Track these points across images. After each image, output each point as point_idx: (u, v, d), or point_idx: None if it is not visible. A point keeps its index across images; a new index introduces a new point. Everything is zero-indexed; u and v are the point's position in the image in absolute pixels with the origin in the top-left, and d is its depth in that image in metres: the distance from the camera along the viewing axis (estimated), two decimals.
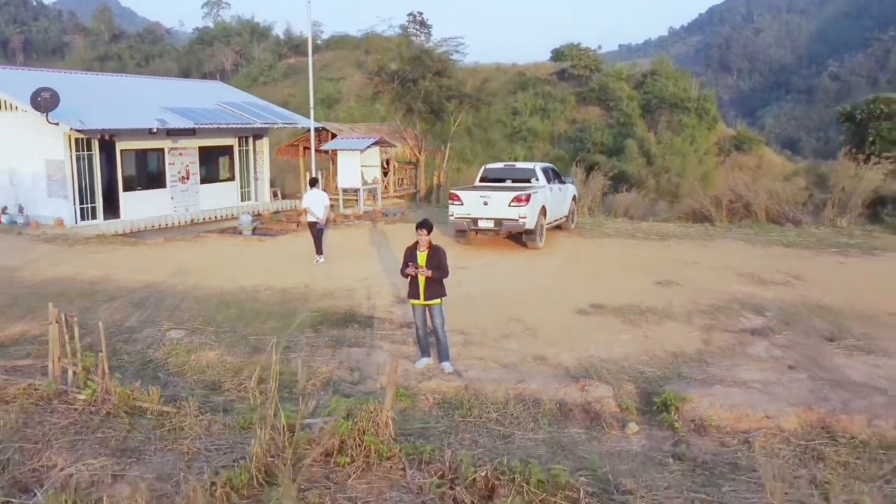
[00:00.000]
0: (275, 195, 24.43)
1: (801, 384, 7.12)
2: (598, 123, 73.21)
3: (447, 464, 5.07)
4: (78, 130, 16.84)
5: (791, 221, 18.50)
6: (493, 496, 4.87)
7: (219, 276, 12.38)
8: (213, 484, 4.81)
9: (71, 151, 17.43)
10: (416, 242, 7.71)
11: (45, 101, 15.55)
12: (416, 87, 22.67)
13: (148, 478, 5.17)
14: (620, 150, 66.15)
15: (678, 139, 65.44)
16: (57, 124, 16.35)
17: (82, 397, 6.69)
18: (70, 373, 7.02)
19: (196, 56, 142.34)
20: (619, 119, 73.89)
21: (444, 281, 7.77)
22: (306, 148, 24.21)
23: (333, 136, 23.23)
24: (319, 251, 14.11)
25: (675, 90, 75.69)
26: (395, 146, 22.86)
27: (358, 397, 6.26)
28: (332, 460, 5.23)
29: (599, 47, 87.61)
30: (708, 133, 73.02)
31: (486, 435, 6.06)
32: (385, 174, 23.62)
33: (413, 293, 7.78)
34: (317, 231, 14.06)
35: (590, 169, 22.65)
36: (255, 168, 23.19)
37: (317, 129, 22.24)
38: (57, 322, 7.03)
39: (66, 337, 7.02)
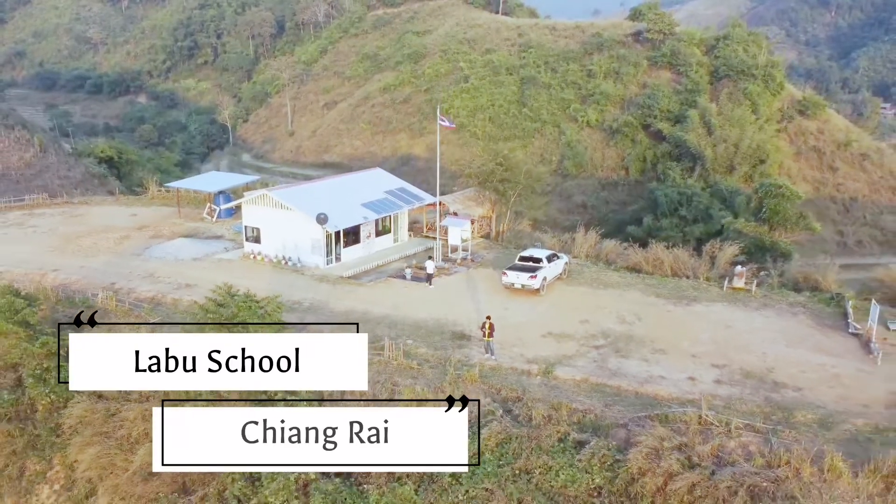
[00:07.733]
0: (410, 235, 43.35)
1: (591, 367, 25.30)
2: (666, 90, 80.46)
3: (488, 385, 23.79)
4: None
5: (684, 275, 35.54)
6: (499, 392, 23.56)
7: (408, 310, 31.15)
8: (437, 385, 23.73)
9: (323, 233, 36.58)
10: (485, 322, 26.08)
11: (322, 220, 34.72)
12: (490, 181, 41.00)
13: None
14: (684, 118, 74.03)
15: (738, 109, 71.57)
16: (325, 229, 35.57)
17: (395, 363, 25.66)
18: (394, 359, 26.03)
19: (290, 6, 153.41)
20: (687, 86, 79.43)
21: (494, 333, 26.26)
22: (429, 205, 43.15)
23: (444, 206, 41.72)
24: (430, 284, 33.46)
25: (743, 56, 79.90)
26: (474, 220, 41.18)
27: (468, 366, 24.86)
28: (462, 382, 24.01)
29: None
30: (772, 99, 78.06)
31: (500, 378, 24.52)
32: (473, 223, 41.89)
33: (483, 335, 26.27)
34: (430, 278, 33.38)
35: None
36: (400, 223, 42.07)
37: (434, 202, 40.79)
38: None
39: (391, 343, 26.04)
